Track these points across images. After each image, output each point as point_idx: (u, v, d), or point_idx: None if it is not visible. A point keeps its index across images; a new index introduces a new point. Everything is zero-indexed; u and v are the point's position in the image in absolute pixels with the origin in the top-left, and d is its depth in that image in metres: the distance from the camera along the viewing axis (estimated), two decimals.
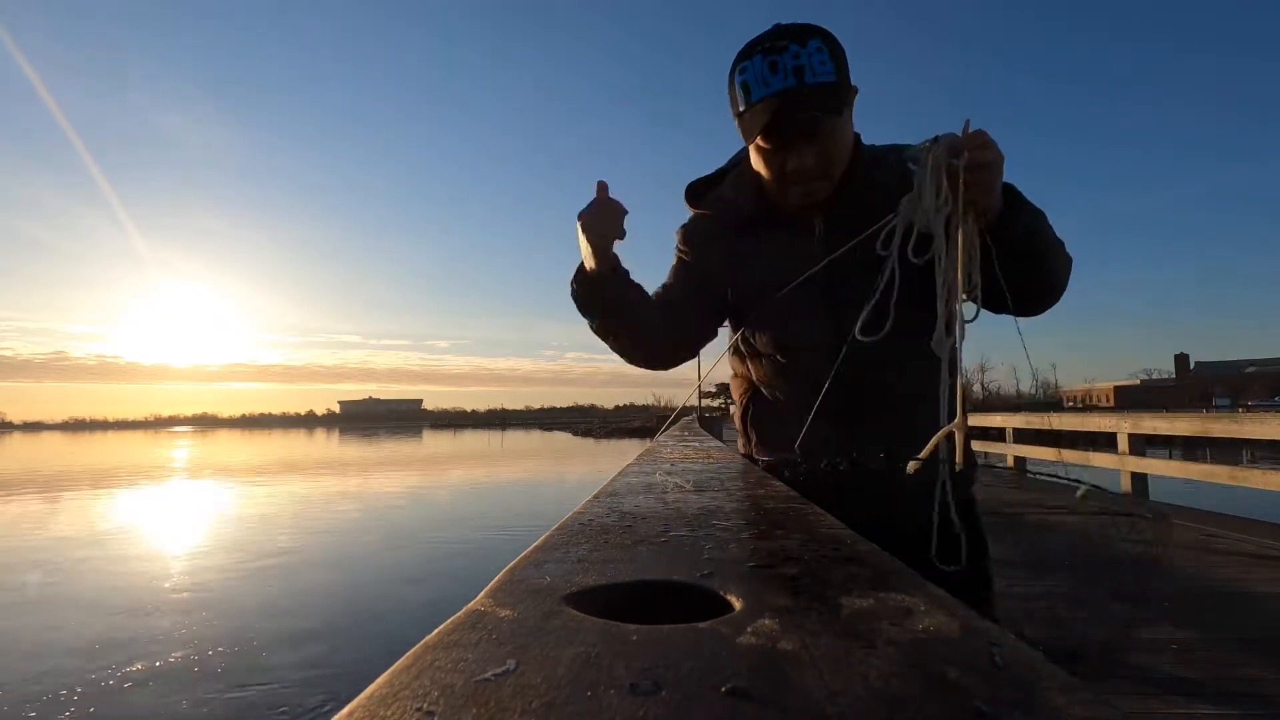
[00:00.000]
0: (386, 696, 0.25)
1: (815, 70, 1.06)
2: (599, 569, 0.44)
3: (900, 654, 0.28)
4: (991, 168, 0.99)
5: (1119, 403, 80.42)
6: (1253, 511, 5.83)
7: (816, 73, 1.06)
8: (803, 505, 0.71)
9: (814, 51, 1.07)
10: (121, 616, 6.07)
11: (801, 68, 1.06)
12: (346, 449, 40.38)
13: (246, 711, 4.09)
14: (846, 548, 0.49)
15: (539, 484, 18.05)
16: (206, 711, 4.10)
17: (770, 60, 1.07)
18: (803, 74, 1.06)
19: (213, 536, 10.51)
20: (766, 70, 1.07)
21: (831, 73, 1.07)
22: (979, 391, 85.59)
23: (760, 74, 1.08)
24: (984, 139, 0.99)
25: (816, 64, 1.06)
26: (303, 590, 6.95)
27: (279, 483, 19.13)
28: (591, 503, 0.74)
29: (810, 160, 1.12)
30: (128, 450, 45.86)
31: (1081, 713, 0.23)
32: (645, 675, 0.26)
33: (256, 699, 4.25)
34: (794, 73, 1.06)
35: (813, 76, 1.06)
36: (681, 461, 1.26)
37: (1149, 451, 7.01)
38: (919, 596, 0.36)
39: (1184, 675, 2.60)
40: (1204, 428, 5.99)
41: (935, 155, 0.99)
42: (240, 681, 4.52)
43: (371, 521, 11.71)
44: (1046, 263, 1.12)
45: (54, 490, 18.02)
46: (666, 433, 2.77)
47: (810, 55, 1.06)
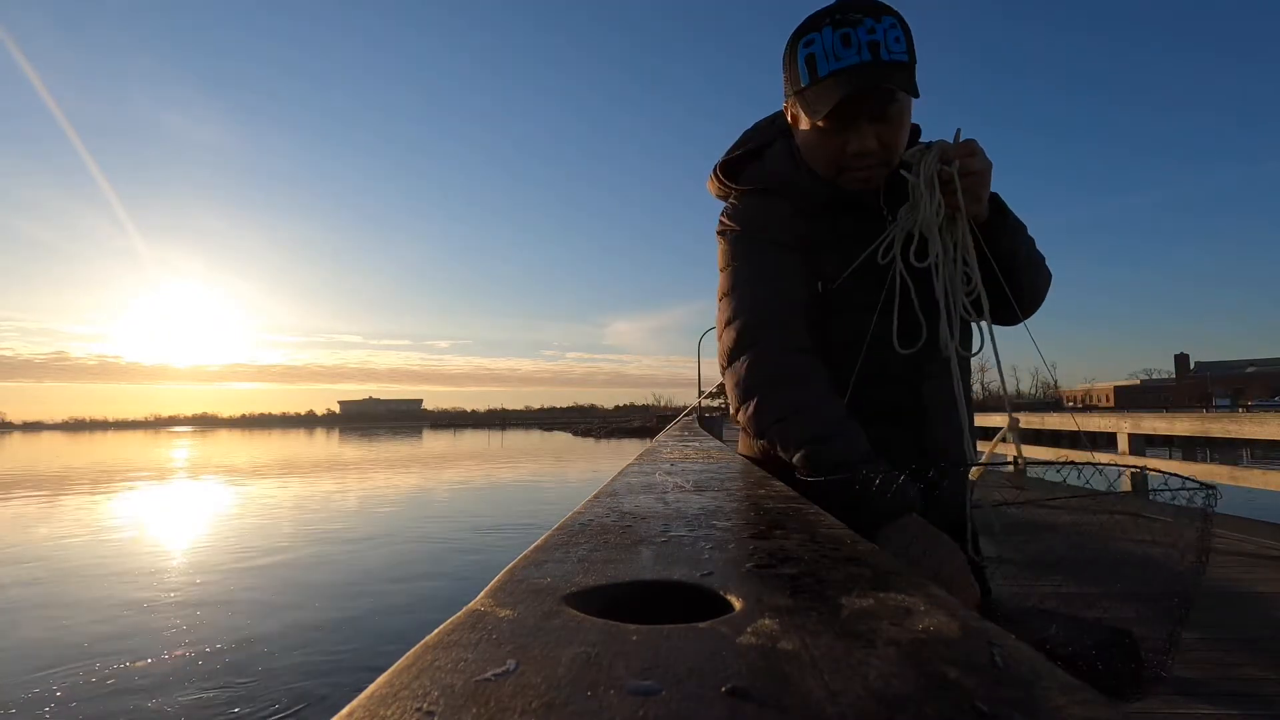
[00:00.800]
0: (386, 696, 0.25)
1: (890, 48, 0.99)
2: (599, 569, 0.44)
3: (900, 654, 0.28)
4: (981, 175, 1.03)
5: (1119, 403, 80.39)
6: (1253, 511, 5.83)
7: (892, 50, 0.99)
8: (803, 505, 0.71)
9: (888, 28, 0.99)
10: (123, 613, 6.08)
11: (877, 43, 0.98)
12: (346, 449, 40.38)
13: (246, 708, 4.09)
14: (846, 548, 0.49)
15: (539, 484, 18.05)
16: (206, 712, 4.10)
17: (842, 33, 0.99)
18: (878, 50, 0.98)
19: (212, 536, 10.51)
20: (838, 43, 0.99)
21: (905, 52, 1.00)
22: (979, 391, 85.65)
23: (831, 47, 1.00)
24: (973, 147, 1.03)
25: (891, 41, 0.99)
26: (302, 589, 6.95)
27: (279, 482, 19.13)
28: (591, 503, 0.74)
29: (873, 143, 1.04)
30: (127, 450, 45.85)
31: (1081, 713, 0.23)
32: (645, 675, 0.26)
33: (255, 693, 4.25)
34: (869, 48, 0.98)
35: (888, 54, 0.98)
36: (681, 461, 1.26)
37: (1149, 451, 7.01)
38: (919, 596, 0.36)
39: (1184, 675, 2.60)
40: (1204, 428, 5.99)
41: (929, 162, 1.02)
42: (240, 677, 4.52)
43: (369, 521, 11.71)
44: (1027, 272, 1.15)
45: (55, 490, 18.01)
46: (666, 433, 2.77)
47: (884, 31, 0.99)
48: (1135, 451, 6.80)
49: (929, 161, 1.02)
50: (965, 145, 1.03)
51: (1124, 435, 6.88)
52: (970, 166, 1.01)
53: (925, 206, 1.02)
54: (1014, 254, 1.11)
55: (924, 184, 1.02)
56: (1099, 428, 8.02)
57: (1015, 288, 1.12)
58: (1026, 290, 1.16)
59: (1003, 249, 1.09)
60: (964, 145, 1.03)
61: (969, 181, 1.01)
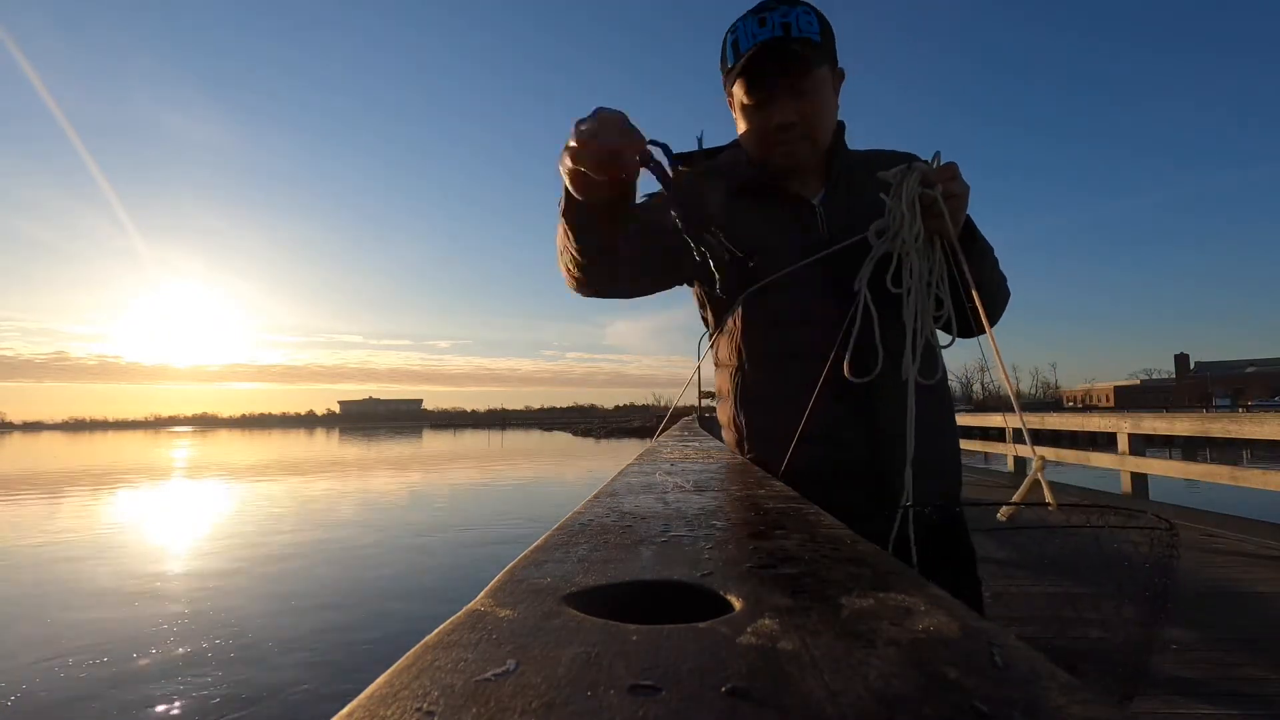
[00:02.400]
0: (386, 696, 0.25)
1: (801, 28, 1.10)
2: (599, 569, 0.44)
3: (900, 654, 0.28)
4: (961, 199, 1.06)
5: (1119, 403, 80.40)
6: (1253, 511, 5.83)
7: (802, 29, 1.10)
8: (803, 505, 0.71)
9: (801, 14, 1.11)
10: (125, 609, 6.08)
11: (788, 24, 1.10)
12: (345, 449, 40.38)
13: (247, 704, 4.09)
14: (846, 548, 0.49)
15: (538, 484, 18.04)
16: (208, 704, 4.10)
17: (759, 17, 1.12)
18: (789, 29, 1.10)
19: (212, 535, 10.51)
20: (755, 25, 1.11)
21: (817, 34, 1.11)
22: (979, 391, 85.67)
23: (748, 30, 1.12)
24: (954, 171, 1.06)
25: (804, 23, 1.10)
26: (304, 587, 6.95)
27: (279, 482, 19.12)
28: (591, 503, 0.74)
29: (793, 116, 1.13)
30: (127, 451, 45.83)
31: (1081, 713, 0.23)
32: (645, 675, 0.26)
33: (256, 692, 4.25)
34: (781, 27, 1.10)
35: (798, 31, 1.10)
36: (681, 461, 1.26)
37: (1149, 451, 7.01)
38: (919, 596, 0.36)
39: (1184, 675, 2.60)
40: (1204, 428, 5.98)
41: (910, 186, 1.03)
42: (241, 672, 4.52)
43: (369, 521, 11.70)
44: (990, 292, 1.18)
45: (55, 491, 18.01)
46: (666, 433, 2.77)
47: (797, 16, 1.11)
48: (1135, 451, 6.79)
49: (910, 185, 1.04)
50: (947, 169, 1.06)
51: (1124, 435, 6.88)
52: (952, 190, 1.04)
53: (907, 230, 1.03)
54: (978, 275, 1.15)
55: (905, 207, 1.03)
56: (1099, 428, 8.01)
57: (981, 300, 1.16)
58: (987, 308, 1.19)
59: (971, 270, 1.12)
60: (945, 169, 1.06)
61: (949, 205, 1.04)
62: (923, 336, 1.07)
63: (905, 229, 1.03)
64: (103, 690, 4.44)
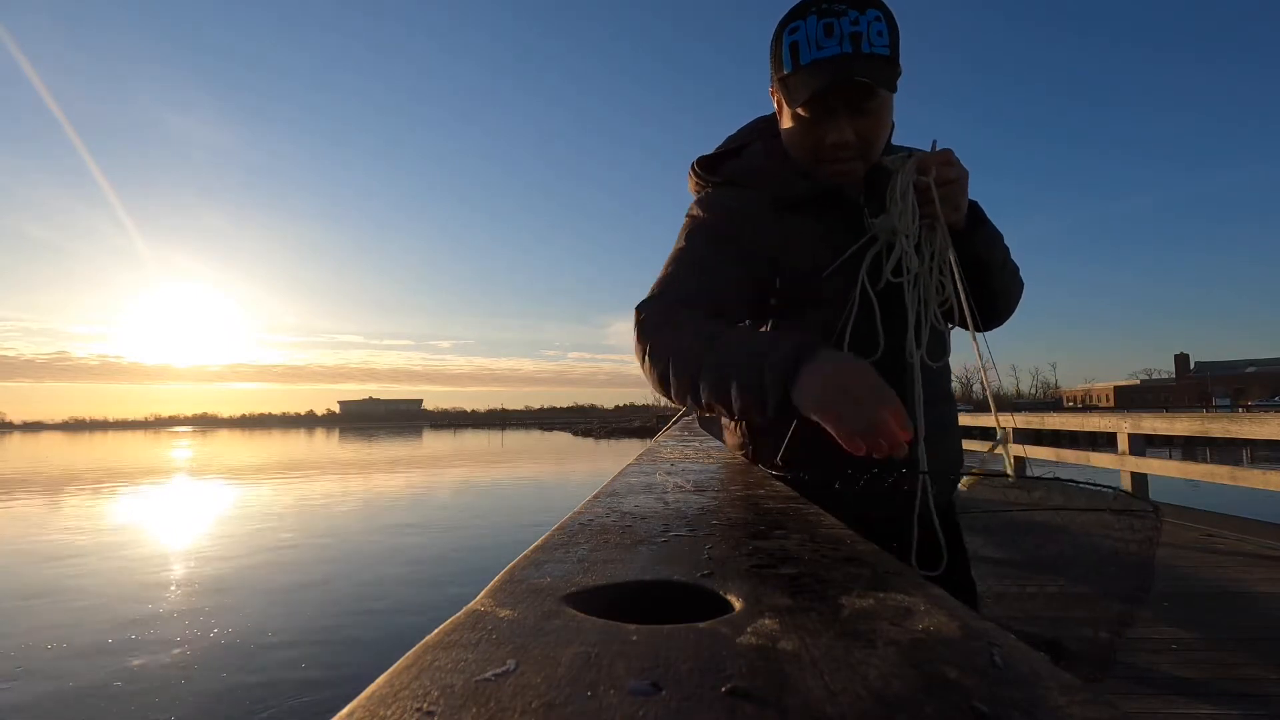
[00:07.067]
0: (386, 696, 0.25)
1: (872, 41, 0.99)
2: (599, 569, 0.44)
3: (900, 654, 0.28)
4: (957, 184, 1.05)
5: (1119, 403, 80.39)
6: (1253, 511, 5.83)
7: (873, 43, 0.99)
8: (803, 505, 0.71)
9: (872, 20, 1.00)
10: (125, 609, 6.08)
11: (859, 35, 0.99)
12: (345, 449, 40.37)
13: (247, 704, 4.09)
14: (846, 548, 0.49)
15: (538, 484, 18.04)
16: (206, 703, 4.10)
17: (825, 23, 1.00)
18: (859, 41, 0.99)
19: (211, 534, 10.51)
20: (821, 33, 1.00)
21: (887, 46, 1.01)
22: (978, 391, 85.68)
23: (813, 36, 1.01)
24: (949, 157, 1.06)
25: (874, 34, 0.99)
26: (304, 586, 6.95)
27: (279, 482, 19.12)
28: (591, 503, 0.74)
29: (850, 136, 1.05)
30: (126, 451, 45.82)
31: (1081, 713, 0.23)
32: (645, 675, 0.26)
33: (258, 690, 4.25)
34: (850, 39, 0.99)
35: (869, 46, 0.99)
36: (681, 461, 1.26)
37: (1149, 451, 7.01)
38: (919, 596, 0.36)
39: (1184, 675, 2.60)
40: (1204, 428, 5.98)
41: (905, 173, 1.03)
42: (241, 673, 4.52)
43: (369, 521, 11.70)
44: (999, 280, 1.17)
45: (54, 491, 18.01)
46: (666, 433, 2.77)
47: (868, 24, 0.99)
48: (1135, 451, 6.79)
49: (905, 172, 1.04)
50: (941, 154, 1.06)
51: (1124, 435, 6.87)
52: (946, 175, 1.04)
53: (902, 217, 1.03)
54: (988, 262, 1.14)
55: (899, 194, 1.03)
56: (1099, 428, 8.01)
57: (988, 295, 1.16)
58: (1000, 298, 1.19)
59: (978, 257, 1.12)
60: (940, 154, 1.06)
61: (946, 190, 1.04)
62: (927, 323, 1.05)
63: (897, 217, 1.03)
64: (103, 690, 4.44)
